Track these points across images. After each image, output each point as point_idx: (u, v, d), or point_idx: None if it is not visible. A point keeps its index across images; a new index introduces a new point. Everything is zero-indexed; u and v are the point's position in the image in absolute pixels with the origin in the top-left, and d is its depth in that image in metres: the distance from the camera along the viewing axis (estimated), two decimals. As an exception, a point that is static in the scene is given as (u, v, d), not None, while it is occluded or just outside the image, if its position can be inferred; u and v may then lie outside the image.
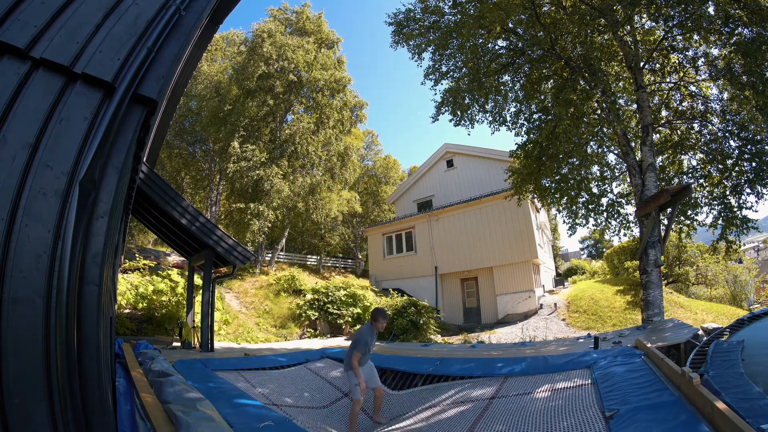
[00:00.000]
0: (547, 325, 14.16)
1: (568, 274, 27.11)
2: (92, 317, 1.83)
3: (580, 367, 4.56)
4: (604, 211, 10.38)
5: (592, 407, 3.09)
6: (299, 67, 20.54)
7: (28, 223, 1.71)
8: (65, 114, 1.93)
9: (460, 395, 4.67)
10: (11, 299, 1.61)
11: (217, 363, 6.22)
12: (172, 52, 2.38)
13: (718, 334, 3.84)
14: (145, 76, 2.19)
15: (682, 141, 10.14)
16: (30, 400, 1.57)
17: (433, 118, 11.43)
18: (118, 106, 2.01)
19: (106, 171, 1.97)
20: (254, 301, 16.04)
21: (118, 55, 2.13)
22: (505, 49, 10.88)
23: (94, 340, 1.81)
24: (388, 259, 21.73)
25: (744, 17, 7.93)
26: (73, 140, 1.90)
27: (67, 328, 1.66)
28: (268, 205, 18.88)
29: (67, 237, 1.73)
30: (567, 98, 8.78)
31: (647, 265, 8.39)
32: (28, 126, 1.81)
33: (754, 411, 2.15)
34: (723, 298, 16.76)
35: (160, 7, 2.40)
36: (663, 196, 7.92)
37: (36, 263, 1.69)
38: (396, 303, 14.07)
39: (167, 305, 11.13)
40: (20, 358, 1.58)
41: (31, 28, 1.95)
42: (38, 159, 1.80)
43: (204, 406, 3.08)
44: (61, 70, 1.98)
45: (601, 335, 7.48)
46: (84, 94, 2.01)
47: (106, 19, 2.17)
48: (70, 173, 1.85)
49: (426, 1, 11.36)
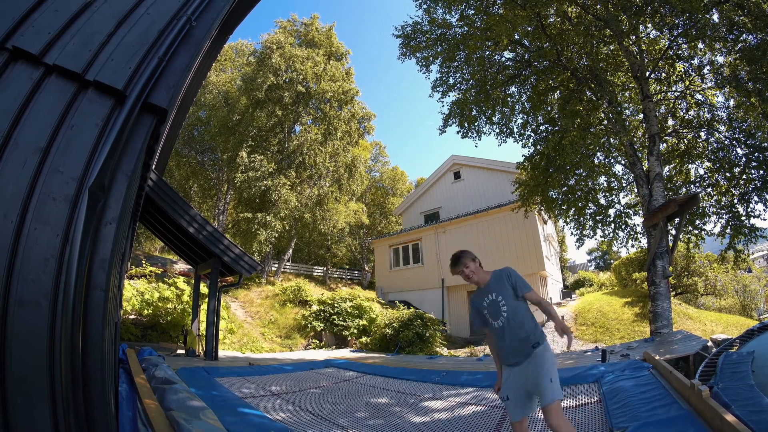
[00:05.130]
0: (554, 338, 13.97)
1: (575, 286, 26.84)
2: (97, 322, 1.84)
3: (588, 381, 4.50)
4: (611, 222, 10.32)
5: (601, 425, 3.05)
6: (308, 78, 20.75)
7: (37, 226, 1.73)
8: (76, 120, 1.96)
9: (473, 398, 4.64)
10: (18, 301, 1.62)
11: (220, 371, 6.21)
12: (183, 61, 2.42)
13: (728, 346, 3.78)
14: (156, 85, 2.23)
15: (689, 150, 10.08)
16: (33, 401, 1.58)
17: (441, 130, 11.49)
18: (128, 113, 2.05)
19: (116, 178, 2.00)
20: (260, 311, 16.03)
21: (129, 64, 2.17)
22: (512, 61, 10.94)
23: (98, 344, 1.81)
24: (395, 270, 21.65)
25: (748, 23, 7.91)
26: (84, 146, 1.93)
27: (72, 332, 1.67)
28: (276, 216, 18.95)
29: (75, 242, 1.75)
30: (573, 109, 8.79)
31: (655, 277, 8.29)
32: (40, 131, 1.85)
33: (764, 423, 2.10)
34: (732, 309, 16.47)
35: (172, 17, 2.45)
36: (671, 206, 7.85)
37: (44, 267, 1.71)
38: (402, 315, 13.98)
39: (172, 312, 11.16)
40: (25, 359, 1.59)
41: (45, 35, 2.00)
42: (49, 164, 1.83)
43: (206, 415, 3.07)
44: (74, 77, 2.02)
45: (609, 348, 7.39)
46: (95, 101, 2.05)
47: (119, 27, 2.22)
48: (80, 179, 1.87)
49: (433, 13, 11.49)
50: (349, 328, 14.73)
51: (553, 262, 21.97)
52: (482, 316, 2.73)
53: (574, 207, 10.46)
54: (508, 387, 2.58)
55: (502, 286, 2.66)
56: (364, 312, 15.47)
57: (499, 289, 2.66)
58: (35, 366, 1.60)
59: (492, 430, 3.42)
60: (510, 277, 2.69)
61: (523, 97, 11.25)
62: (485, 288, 2.71)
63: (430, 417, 4.03)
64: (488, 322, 2.68)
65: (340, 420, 3.88)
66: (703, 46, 9.05)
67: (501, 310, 2.61)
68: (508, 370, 2.62)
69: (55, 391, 1.61)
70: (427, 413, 4.18)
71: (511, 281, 2.67)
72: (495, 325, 2.63)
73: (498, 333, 2.63)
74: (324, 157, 21.15)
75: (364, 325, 14.95)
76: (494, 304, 2.64)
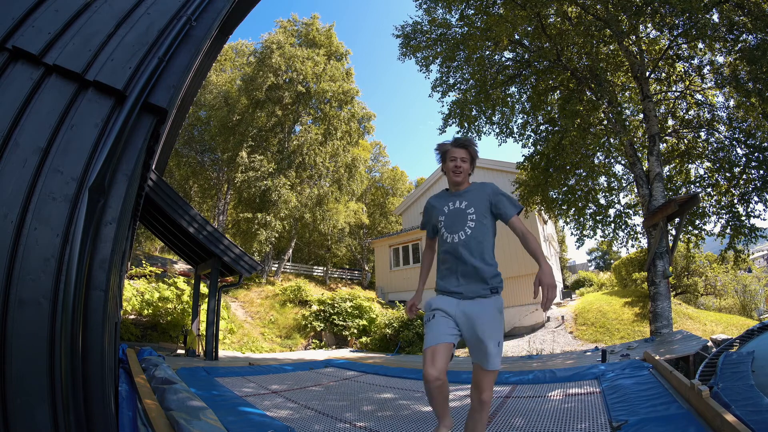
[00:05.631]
0: (555, 338, 14.00)
1: (575, 286, 26.84)
2: (97, 322, 1.84)
3: (588, 380, 4.51)
4: (611, 222, 10.32)
5: (600, 415, 3.05)
6: (308, 78, 20.77)
7: (37, 226, 1.73)
8: (76, 120, 1.96)
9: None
10: (18, 301, 1.62)
11: (220, 371, 6.21)
12: (183, 62, 2.42)
13: (728, 346, 3.78)
14: (156, 85, 2.23)
15: (689, 150, 10.09)
16: (32, 401, 1.58)
17: (441, 129, 11.50)
18: (128, 114, 2.05)
19: (116, 178, 2.00)
20: (260, 311, 16.03)
21: (129, 64, 2.17)
22: (512, 61, 10.95)
23: (98, 344, 1.81)
24: (395, 270, 21.65)
25: (748, 23, 7.93)
26: (84, 146, 1.93)
27: (72, 332, 1.67)
28: (276, 216, 18.97)
29: (75, 242, 1.75)
30: (573, 109, 8.79)
31: (655, 277, 8.30)
32: (40, 131, 1.85)
33: (765, 424, 2.11)
34: (732, 309, 16.47)
35: (172, 17, 2.45)
36: (671, 206, 7.86)
37: (44, 266, 1.71)
38: (402, 315, 13.98)
39: (173, 312, 11.17)
40: (25, 359, 1.59)
41: (45, 35, 2.00)
42: (49, 164, 1.83)
43: (207, 415, 3.07)
44: (74, 77, 2.02)
45: (609, 348, 7.39)
46: (95, 101, 2.05)
47: (119, 27, 2.22)
48: (80, 179, 1.87)
49: (433, 13, 11.49)
50: (349, 328, 14.74)
51: (553, 262, 21.98)
52: (435, 223, 2.30)
53: (574, 207, 10.47)
54: (441, 304, 2.15)
55: (479, 198, 2.21)
56: (364, 312, 15.47)
57: (472, 199, 2.22)
58: (35, 366, 1.60)
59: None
60: (496, 192, 2.22)
61: (523, 97, 11.27)
62: (456, 193, 2.30)
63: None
64: (440, 232, 2.24)
65: (346, 415, 3.87)
66: (703, 46, 9.06)
67: (465, 223, 2.16)
68: (444, 298, 2.18)
69: (55, 391, 1.61)
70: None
71: (494, 197, 2.20)
72: (449, 239, 2.17)
73: (450, 250, 2.17)
74: (324, 157, 21.15)
75: (364, 325, 14.95)
76: (458, 213, 2.20)
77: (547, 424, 3.05)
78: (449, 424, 2.30)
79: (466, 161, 2.29)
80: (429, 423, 3.44)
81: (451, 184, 2.34)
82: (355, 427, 3.38)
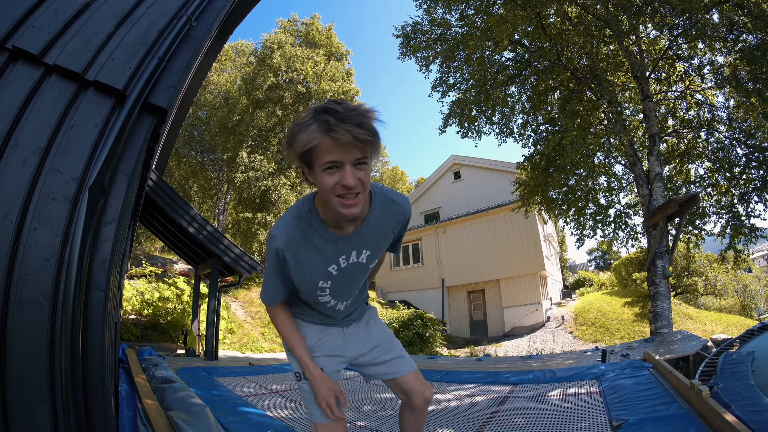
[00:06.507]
0: (555, 338, 14.01)
1: (575, 286, 26.86)
2: (97, 322, 1.84)
3: (588, 380, 4.51)
4: (611, 222, 10.32)
5: (600, 415, 3.05)
6: (308, 78, 20.79)
7: (37, 226, 1.73)
8: (76, 120, 1.96)
9: (479, 390, 4.64)
10: (18, 301, 1.62)
11: (220, 371, 6.21)
12: (183, 62, 2.42)
13: (728, 346, 3.78)
14: (156, 85, 2.22)
15: (689, 150, 10.09)
16: (32, 401, 1.58)
17: (441, 130, 11.49)
18: (128, 114, 2.04)
19: (116, 178, 2.00)
20: (260, 311, 16.02)
21: (129, 64, 2.17)
22: (512, 61, 10.94)
23: (98, 344, 1.81)
24: (395, 270, 21.66)
25: (748, 23, 7.93)
26: (84, 146, 1.93)
27: (72, 332, 1.67)
28: (276, 216, 18.98)
29: (75, 242, 1.75)
30: (573, 109, 8.79)
31: (655, 277, 8.30)
32: (40, 131, 1.84)
33: (765, 424, 2.10)
34: (732, 309, 16.50)
35: (172, 17, 2.45)
36: (671, 206, 7.85)
37: (44, 266, 1.71)
38: (402, 315, 13.98)
39: (173, 312, 11.17)
40: (25, 359, 1.59)
41: (45, 35, 2.00)
42: (49, 164, 1.83)
43: (207, 415, 3.07)
44: (74, 76, 2.02)
45: (609, 348, 7.39)
46: (95, 101, 2.05)
47: (119, 27, 2.22)
48: (80, 179, 1.87)
49: (433, 13, 11.49)
50: (349, 327, 14.71)
51: (553, 262, 22.00)
52: (307, 286, 1.38)
53: (574, 207, 10.47)
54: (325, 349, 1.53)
55: (382, 232, 1.38)
56: (364, 312, 15.44)
57: (373, 237, 1.37)
58: (35, 366, 1.60)
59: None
60: (406, 222, 1.46)
61: (523, 97, 11.27)
62: (353, 238, 1.33)
63: (441, 405, 4.04)
64: (314, 295, 1.41)
65: (346, 414, 3.87)
66: (703, 46, 9.06)
67: (360, 281, 1.49)
68: (326, 330, 1.56)
69: (55, 391, 1.61)
70: (436, 403, 4.17)
71: (402, 230, 1.49)
72: (329, 303, 1.46)
73: (323, 310, 1.51)
74: (324, 157, 21.10)
75: (364, 324, 14.91)
76: (354, 271, 1.40)
77: (547, 423, 3.05)
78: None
79: (363, 168, 1.15)
80: (429, 423, 3.43)
81: (339, 219, 1.28)
82: (356, 427, 3.37)
